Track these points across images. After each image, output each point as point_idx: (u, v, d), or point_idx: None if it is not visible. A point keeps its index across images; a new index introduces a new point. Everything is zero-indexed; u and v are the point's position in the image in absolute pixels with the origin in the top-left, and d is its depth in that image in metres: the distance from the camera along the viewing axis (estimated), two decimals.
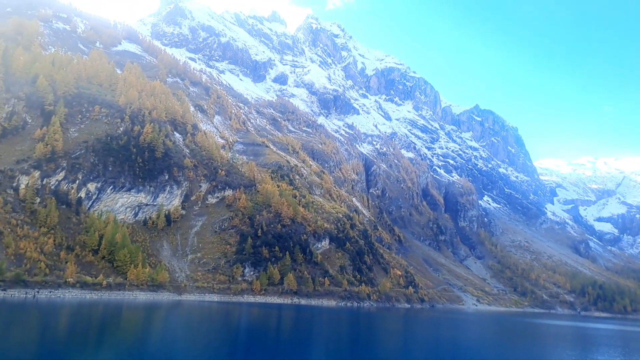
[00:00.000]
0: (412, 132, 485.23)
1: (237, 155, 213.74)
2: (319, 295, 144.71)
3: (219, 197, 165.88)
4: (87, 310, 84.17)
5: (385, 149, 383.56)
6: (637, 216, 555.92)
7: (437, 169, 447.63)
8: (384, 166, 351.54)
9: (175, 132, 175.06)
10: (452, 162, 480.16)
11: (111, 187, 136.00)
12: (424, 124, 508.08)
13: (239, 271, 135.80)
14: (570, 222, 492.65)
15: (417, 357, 62.79)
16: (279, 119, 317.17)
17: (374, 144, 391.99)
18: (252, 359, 52.33)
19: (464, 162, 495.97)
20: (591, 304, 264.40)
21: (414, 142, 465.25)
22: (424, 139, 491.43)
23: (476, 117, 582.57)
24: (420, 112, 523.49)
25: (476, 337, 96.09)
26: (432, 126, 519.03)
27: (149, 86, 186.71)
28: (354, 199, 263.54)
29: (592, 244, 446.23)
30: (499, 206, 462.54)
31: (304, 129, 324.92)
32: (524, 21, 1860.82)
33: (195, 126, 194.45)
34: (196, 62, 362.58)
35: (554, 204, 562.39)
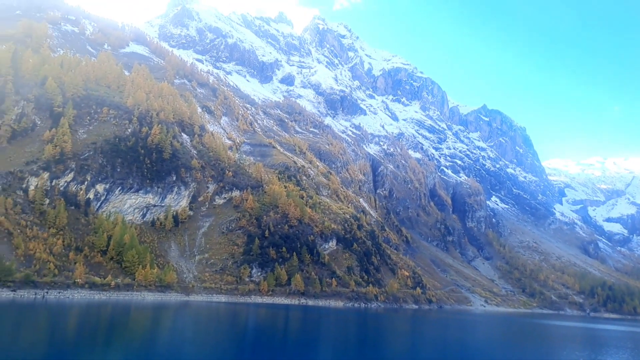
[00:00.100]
0: (419, 132, 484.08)
1: (244, 156, 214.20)
2: (326, 296, 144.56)
3: (226, 198, 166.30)
4: (95, 310, 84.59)
5: (392, 150, 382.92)
6: None
7: (445, 170, 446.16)
8: (391, 167, 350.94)
9: (182, 133, 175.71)
10: (459, 162, 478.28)
11: (119, 188, 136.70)
12: (431, 124, 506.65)
13: (247, 272, 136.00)
14: (579, 223, 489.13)
15: (426, 358, 62.53)
16: (286, 120, 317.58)
17: (381, 144, 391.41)
18: (260, 359, 52.34)
19: (472, 162, 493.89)
20: (600, 305, 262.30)
21: (421, 143, 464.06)
22: (432, 139, 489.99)
23: (484, 117, 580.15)
24: (427, 113, 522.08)
25: (485, 338, 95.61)
26: (440, 126, 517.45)
27: (157, 88, 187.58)
28: (361, 200, 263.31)
29: (601, 245, 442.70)
30: (507, 207, 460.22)
31: (311, 129, 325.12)
32: (532, 21, 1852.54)
33: (202, 127, 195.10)
34: (203, 64, 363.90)
35: (562, 205, 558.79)
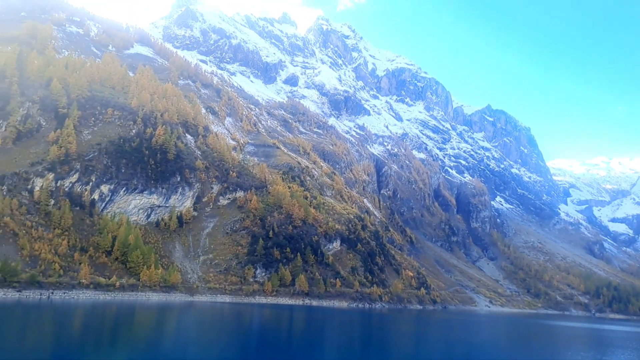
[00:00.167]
0: (423, 132, 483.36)
1: (248, 156, 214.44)
2: (331, 296, 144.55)
3: (230, 198, 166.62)
4: (100, 311, 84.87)
5: (396, 150, 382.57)
6: None
7: (449, 170, 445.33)
8: (395, 167, 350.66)
9: (187, 134, 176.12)
10: (464, 162, 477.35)
11: (124, 189, 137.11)
12: (435, 125, 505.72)
13: (251, 272, 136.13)
14: (584, 223, 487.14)
15: (430, 359, 62.45)
16: (290, 121, 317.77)
17: (385, 144, 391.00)
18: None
19: (476, 162, 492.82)
20: (606, 305, 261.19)
21: (425, 143, 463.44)
22: (436, 139, 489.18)
23: (488, 118, 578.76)
24: (431, 113, 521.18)
25: (490, 339, 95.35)
26: (444, 127, 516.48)
27: (161, 89, 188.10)
28: (365, 200, 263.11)
29: (606, 245, 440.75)
30: (512, 207, 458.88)
31: (315, 130, 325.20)
32: (536, 21, 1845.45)
33: (206, 128, 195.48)
34: (207, 65, 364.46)
35: (567, 205, 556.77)
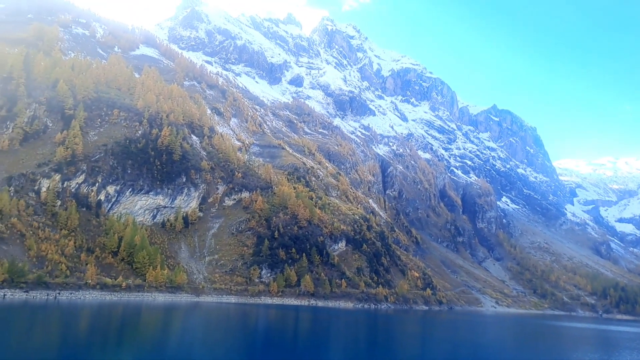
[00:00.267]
0: (428, 132, 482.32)
1: (253, 157, 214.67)
2: (336, 297, 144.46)
3: (235, 199, 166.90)
4: (107, 311, 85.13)
5: (401, 150, 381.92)
6: None
7: (455, 170, 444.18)
8: (401, 167, 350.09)
9: (192, 135, 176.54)
10: (469, 162, 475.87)
11: (130, 190, 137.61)
12: (440, 125, 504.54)
13: (256, 273, 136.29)
14: (590, 223, 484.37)
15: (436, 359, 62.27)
16: (295, 121, 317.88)
17: (390, 145, 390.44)
18: None
19: (482, 162, 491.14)
20: (613, 306, 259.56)
21: (430, 143, 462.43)
22: (441, 139, 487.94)
23: (494, 118, 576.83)
24: (437, 113, 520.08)
25: (496, 339, 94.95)
26: (449, 127, 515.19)
27: (167, 90, 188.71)
28: (371, 201, 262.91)
29: (613, 245, 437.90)
30: (518, 207, 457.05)
31: (320, 130, 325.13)
32: (542, 21, 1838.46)
33: (212, 129, 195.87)
34: (212, 66, 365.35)
35: (573, 205, 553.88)
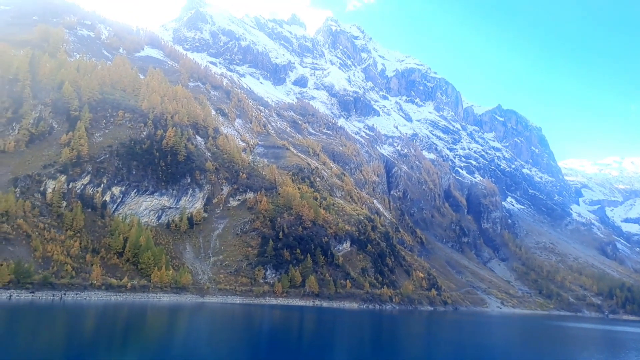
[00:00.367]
0: (433, 133, 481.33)
1: (258, 158, 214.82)
2: (341, 297, 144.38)
3: (240, 199, 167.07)
4: (112, 312, 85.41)
5: (406, 151, 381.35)
6: None
7: (460, 170, 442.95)
8: (405, 168, 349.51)
9: (197, 136, 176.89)
10: (474, 163, 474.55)
11: (135, 191, 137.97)
12: (445, 125, 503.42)
13: (261, 273, 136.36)
14: (596, 223, 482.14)
15: None
16: (299, 122, 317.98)
17: (395, 145, 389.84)
18: None
19: (487, 162, 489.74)
20: (619, 306, 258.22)
21: (435, 143, 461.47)
22: (446, 139, 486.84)
23: (499, 117, 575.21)
24: (441, 113, 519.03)
25: (502, 340, 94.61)
26: (454, 127, 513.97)
27: (171, 91, 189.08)
28: (375, 201, 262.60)
29: (619, 246, 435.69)
30: (523, 207, 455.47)
31: (324, 131, 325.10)
32: (547, 21, 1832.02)
33: (216, 130, 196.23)
34: (217, 66, 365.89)
35: (579, 205, 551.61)
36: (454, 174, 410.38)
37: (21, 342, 49.67)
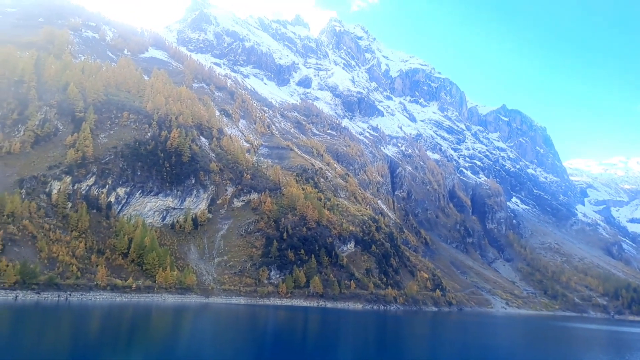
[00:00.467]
0: (437, 133, 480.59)
1: (262, 158, 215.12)
2: (345, 298, 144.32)
3: (244, 200, 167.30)
4: (117, 312, 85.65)
5: (410, 151, 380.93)
6: None
7: (464, 171, 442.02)
8: (409, 168, 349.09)
9: (201, 137, 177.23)
10: (479, 163, 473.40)
11: (140, 192, 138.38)
12: (449, 125, 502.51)
13: (265, 274, 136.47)
14: (602, 224, 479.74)
15: None
16: (303, 122, 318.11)
17: (399, 145, 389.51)
18: None
19: (491, 163, 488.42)
20: (625, 307, 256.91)
21: (439, 144, 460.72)
22: (450, 140, 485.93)
23: (503, 118, 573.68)
24: (445, 113, 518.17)
25: (506, 341, 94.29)
26: (458, 127, 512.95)
27: (176, 92, 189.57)
28: (379, 202, 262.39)
29: (625, 246, 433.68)
30: (528, 207, 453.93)
31: (328, 131, 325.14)
32: (551, 21, 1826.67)
33: (220, 130, 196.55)
34: (221, 67, 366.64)
35: (584, 205, 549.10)
36: (458, 174, 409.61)
37: (27, 342, 49.89)
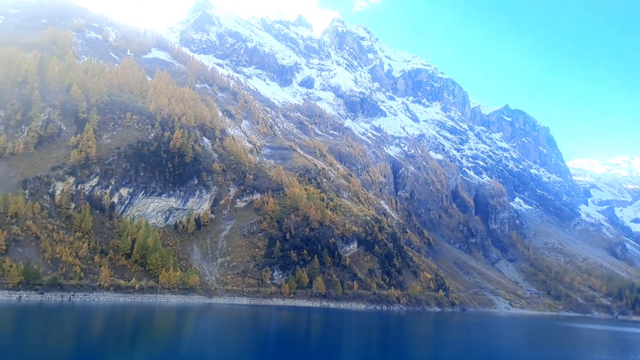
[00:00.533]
0: (440, 133, 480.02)
1: (264, 159, 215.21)
2: (348, 298, 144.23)
3: (247, 201, 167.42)
4: (120, 313, 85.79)
5: (413, 151, 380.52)
6: None
7: (467, 171, 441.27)
8: (412, 168, 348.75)
9: (204, 137, 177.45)
10: (482, 163, 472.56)
11: (143, 192, 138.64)
12: (452, 125, 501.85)
13: (268, 274, 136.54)
14: (605, 224, 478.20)
15: None
16: (306, 123, 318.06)
17: (402, 146, 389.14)
18: None
19: (494, 163, 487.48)
20: (629, 307, 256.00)
21: (442, 144, 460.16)
22: (453, 140, 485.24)
23: (506, 118, 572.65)
24: (448, 113, 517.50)
25: (509, 341, 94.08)
26: (461, 127, 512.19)
27: (179, 92, 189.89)
28: (382, 202, 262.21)
29: (628, 246, 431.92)
30: (531, 208, 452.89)
31: (331, 132, 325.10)
32: (554, 21, 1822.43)
33: (223, 131, 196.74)
34: (224, 68, 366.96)
35: (588, 205, 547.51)
36: (461, 175, 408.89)
37: (31, 342, 50.02)
